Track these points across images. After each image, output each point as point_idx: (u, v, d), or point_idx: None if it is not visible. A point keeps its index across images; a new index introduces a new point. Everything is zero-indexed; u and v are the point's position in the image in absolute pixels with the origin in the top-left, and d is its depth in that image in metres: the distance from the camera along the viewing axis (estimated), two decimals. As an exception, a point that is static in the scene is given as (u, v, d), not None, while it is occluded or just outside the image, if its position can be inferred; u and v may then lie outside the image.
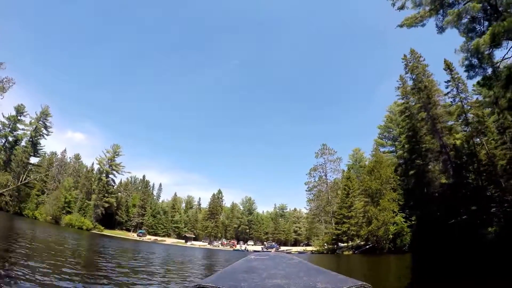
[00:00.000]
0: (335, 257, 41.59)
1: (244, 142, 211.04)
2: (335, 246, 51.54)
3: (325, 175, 66.03)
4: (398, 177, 43.01)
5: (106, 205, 73.34)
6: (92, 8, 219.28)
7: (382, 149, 57.75)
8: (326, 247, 52.67)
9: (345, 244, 50.61)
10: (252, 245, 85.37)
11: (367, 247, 43.58)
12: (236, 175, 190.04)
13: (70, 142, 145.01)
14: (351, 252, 46.26)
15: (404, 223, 37.45)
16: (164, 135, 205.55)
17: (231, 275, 1.66)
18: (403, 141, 46.29)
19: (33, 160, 66.72)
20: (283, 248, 78.27)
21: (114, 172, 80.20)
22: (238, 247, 77.24)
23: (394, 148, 56.92)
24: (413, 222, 37.50)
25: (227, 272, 1.82)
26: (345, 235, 48.91)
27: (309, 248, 63.98)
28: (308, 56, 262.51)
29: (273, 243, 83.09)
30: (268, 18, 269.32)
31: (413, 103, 42.18)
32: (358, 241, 47.33)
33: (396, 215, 38.38)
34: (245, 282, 1.42)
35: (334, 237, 50.83)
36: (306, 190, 66.54)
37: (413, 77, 41.57)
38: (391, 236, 37.72)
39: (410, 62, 42.55)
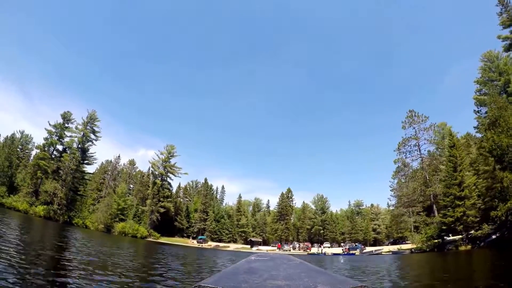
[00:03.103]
0: (450, 256, 30.39)
1: (313, 143, 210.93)
2: (441, 240, 39.75)
3: (419, 149, 53.04)
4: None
5: (162, 210, 70.33)
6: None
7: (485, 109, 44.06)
8: (428, 243, 41.20)
9: (456, 237, 38.35)
10: (329, 247, 75.36)
11: (494, 237, 31.57)
12: (305, 176, 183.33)
13: (143, 158, 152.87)
14: (469, 246, 34.34)
15: None
16: (231, 142, 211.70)
17: (232, 275, 1.67)
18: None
19: (87, 169, 66.54)
20: (368, 248, 67.06)
21: (170, 174, 77.38)
22: (313, 250, 68.20)
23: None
24: None
25: (228, 272, 1.84)
26: (460, 223, 36.45)
27: (404, 246, 51.83)
28: (373, 48, 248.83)
29: (356, 244, 72.08)
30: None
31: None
32: (484, 229, 34.34)
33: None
34: (246, 283, 1.46)
35: (444, 227, 38.65)
36: (394, 172, 54.19)
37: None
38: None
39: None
